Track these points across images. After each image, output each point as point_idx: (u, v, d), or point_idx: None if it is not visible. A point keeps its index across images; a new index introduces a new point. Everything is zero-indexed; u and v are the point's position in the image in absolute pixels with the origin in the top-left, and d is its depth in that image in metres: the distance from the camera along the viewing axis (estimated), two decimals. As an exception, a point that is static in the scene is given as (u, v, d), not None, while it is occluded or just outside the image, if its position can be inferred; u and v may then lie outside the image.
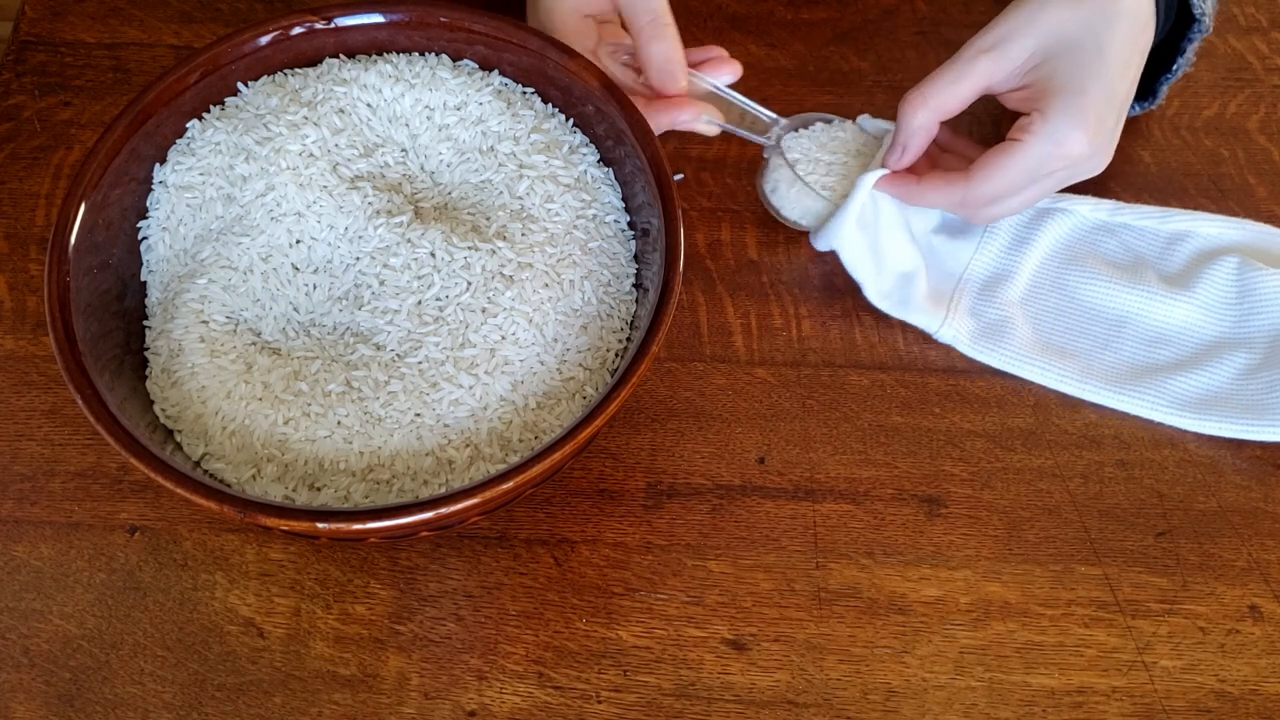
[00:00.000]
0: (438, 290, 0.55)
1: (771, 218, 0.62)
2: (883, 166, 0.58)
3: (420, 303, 0.54)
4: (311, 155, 0.58)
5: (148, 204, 0.57)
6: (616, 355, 0.54)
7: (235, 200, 0.57)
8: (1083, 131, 0.53)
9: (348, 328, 0.54)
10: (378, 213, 0.56)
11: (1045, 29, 0.54)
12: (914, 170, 0.59)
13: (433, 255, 0.55)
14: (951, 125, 0.59)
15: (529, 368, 0.53)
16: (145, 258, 0.56)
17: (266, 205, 0.57)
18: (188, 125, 0.58)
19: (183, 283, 0.55)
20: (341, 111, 0.58)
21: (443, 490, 0.50)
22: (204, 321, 0.54)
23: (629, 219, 0.58)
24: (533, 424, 0.52)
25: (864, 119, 0.63)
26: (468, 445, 0.51)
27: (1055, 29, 0.54)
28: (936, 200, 0.57)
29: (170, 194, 0.56)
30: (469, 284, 0.54)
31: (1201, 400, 0.56)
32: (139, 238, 0.57)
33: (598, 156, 0.59)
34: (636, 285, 0.57)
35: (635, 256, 0.57)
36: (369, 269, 0.55)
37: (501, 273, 0.54)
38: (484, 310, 0.54)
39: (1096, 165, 0.55)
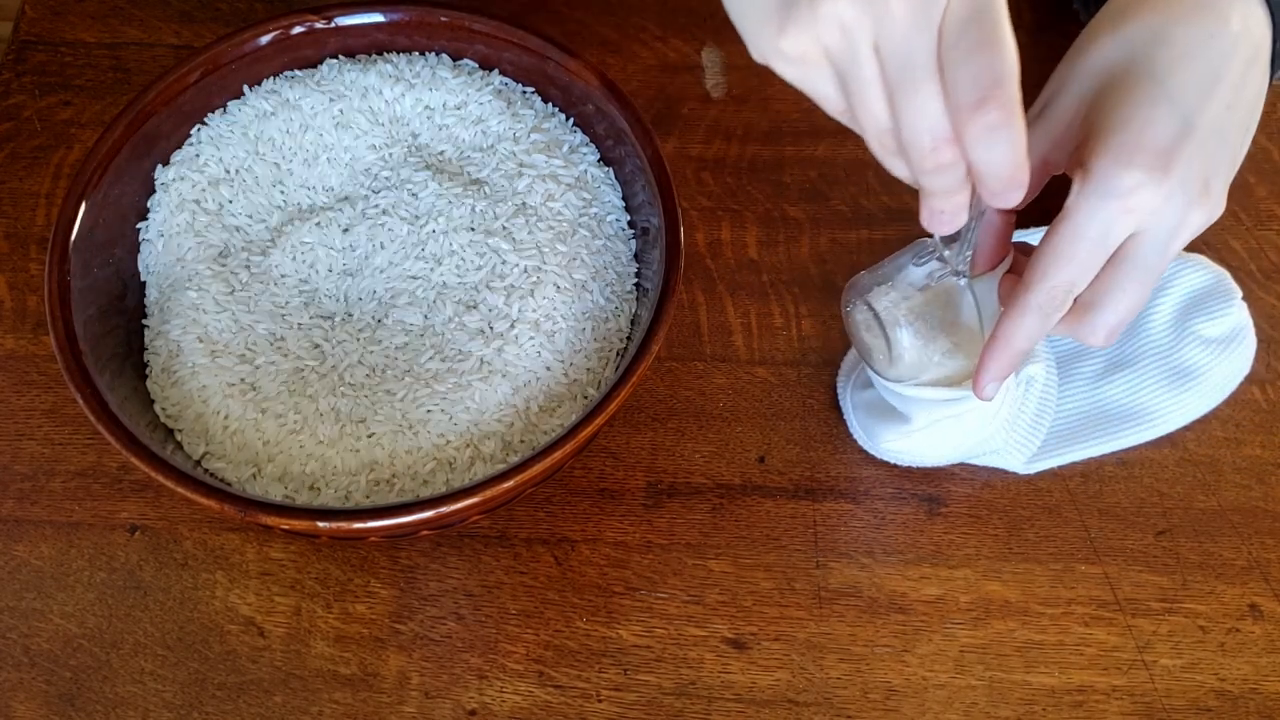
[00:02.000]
0: (440, 290, 0.55)
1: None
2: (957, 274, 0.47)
3: (425, 306, 0.54)
4: (312, 157, 0.58)
5: (148, 205, 0.57)
6: (618, 355, 0.54)
7: (236, 205, 0.57)
8: (1138, 169, 0.41)
9: (350, 329, 0.54)
10: (383, 213, 0.56)
11: (1087, 70, 0.45)
12: None
13: (438, 260, 0.55)
14: None
15: (535, 373, 0.53)
16: (144, 258, 0.56)
17: (267, 210, 0.57)
18: (191, 130, 0.58)
19: (179, 286, 0.55)
20: (341, 113, 0.58)
21: (443, 490, 0.50)
22: (201, 325, 0.54)
23: (629, 218, 0.58)
24: (534, 424, 0.52)
25: None
26: (468, 445, 0.51)
27: (1099, 66, 0.44)
28: (1021, 329, 0.44)
29: (170, 196, 0.56)
30: (477, 286, 0.55)
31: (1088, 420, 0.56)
32: (139, 239, 0.57)
33: (598, 156, 0.59)
34: (637, 285, 0.57)
35: (635, 256, 0.57)
36: (372, 274, 0.55)
37: (512, 279, 0.54)
38: (492, 315, 0.54)
39: (1189, 214, 0.42)
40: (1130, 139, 0.42)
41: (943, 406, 0.50)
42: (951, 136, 0.36)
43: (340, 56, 0.60)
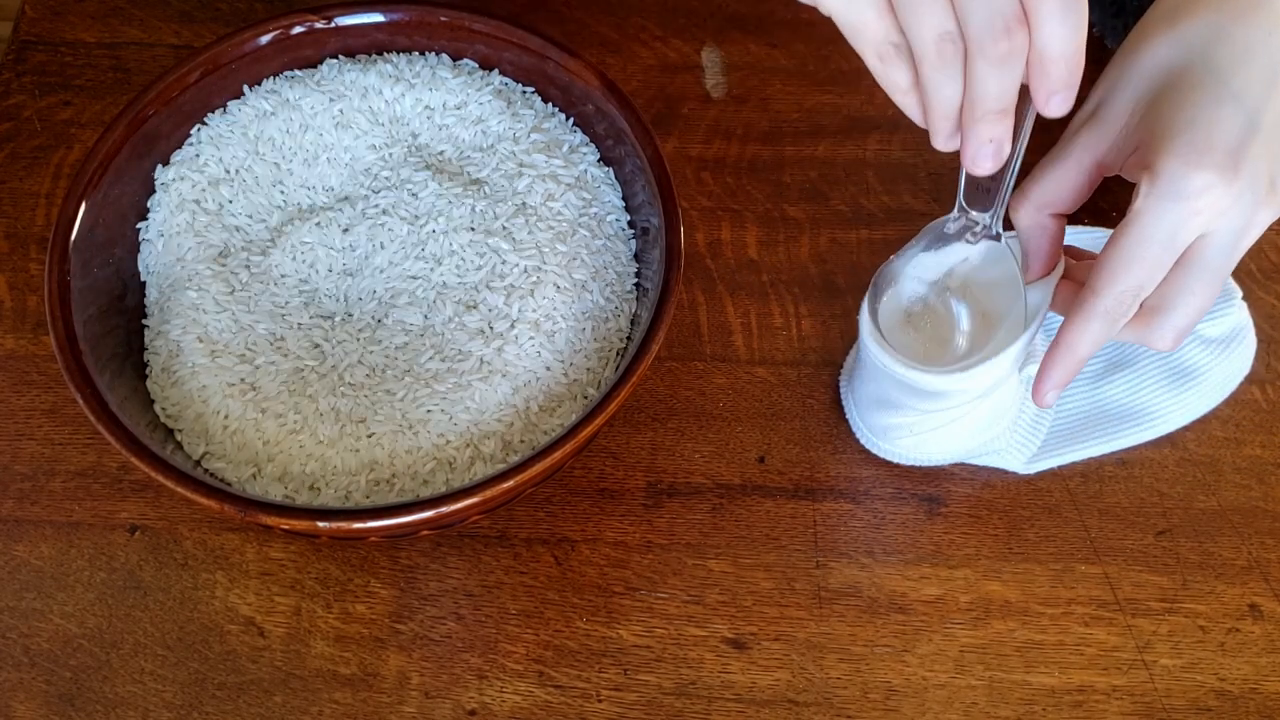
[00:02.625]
0: (440, 290, 0.55)
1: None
2: (1027, 283, 0.47)
3: (425, 306, 0.54)
4: (312, 157, 0.58)
5: (148, 205, 0.57)
6: (617, 354, 0.54)
7: (236, 205, 0.57)
8: (1207, 170, 0.40)
9: (350, 330, 0.54)
10: (383, 213, 0.56)
11: (1143, 71, 0.44)
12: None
13: (438, 260, 0.55)
14: None
15: (535, 373, 0.53)
16: (144, 258, 0.56)
17: (267, 210, 0.57)
18: (191, 130, 0.58)
19: (179, 286, 0.55)
20: (341, 113, 0.58)
21: (443, 490, 0.50)
22: (201, 324, 0.54)
23: (629, 218, 0.58)
24: (534, 424, 0.52)
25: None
26: (468, 445, 0.51)
27: (1155, 66, 0.44)
28: (1086, 335, 0.44)
29: (170, 196, 0.56)
30: (477, 286, 0.55)
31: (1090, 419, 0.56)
32: (139, 239, 0.57)
33: (598, 156, 0.59)
34: (637, 285, 0.57)
35: (635, 256, 0.57)
36: (372, 274, 0.55)
37: (512, 279, 0.54)
38: (492, 315, 0.54)
39: (1260, 212, 0.42)
40: (1198, 139, 0.41)
41: (967, 399, 0.49)
42: (1022, 17, 0.36)
43: (340, 56, 0.60)
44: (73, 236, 0.52)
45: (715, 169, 0.64)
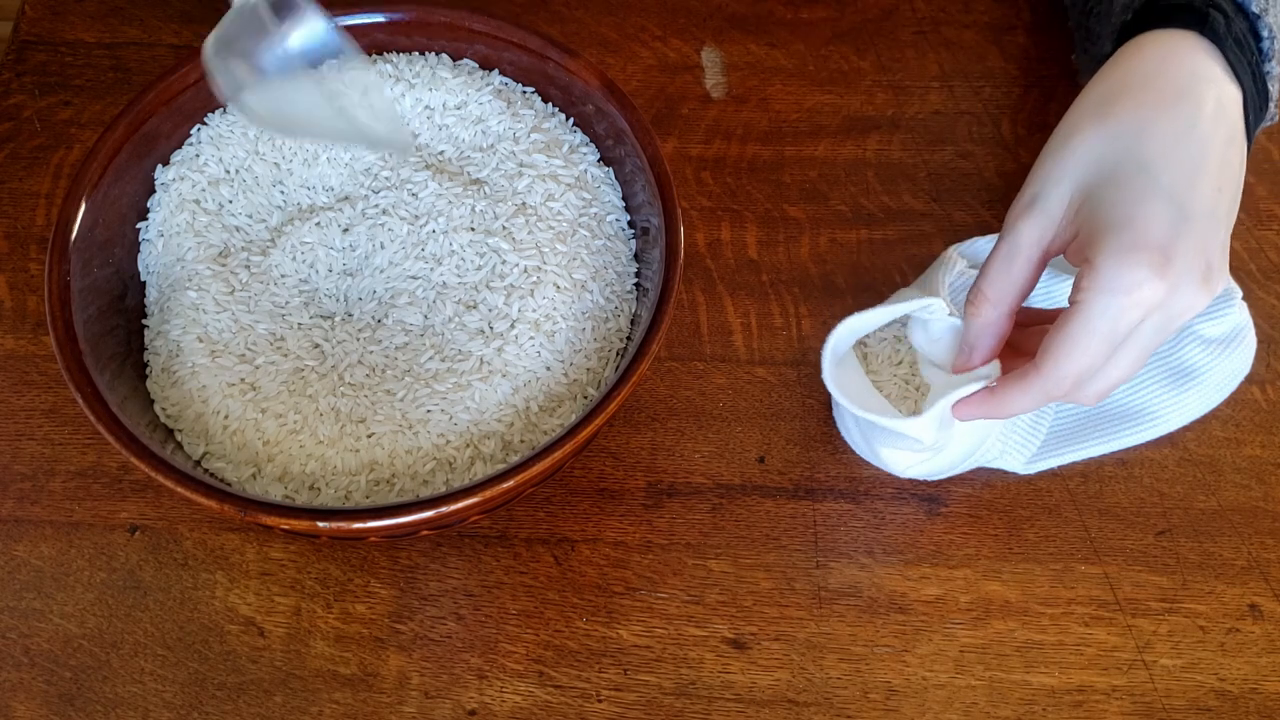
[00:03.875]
0: (440, 290, 0.55)
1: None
2: (954, 371, 0.50)
3: (425, 306, 0.54)
4: (312, 157, 0.58)
5: (148, 205, 0.57)
6: (617, 354, 0.54)
7: (236, 205, 0.57)
8: (1143, 268, 0.43)
9: (350, 329, 0.54)
10: (382, 213, 0.56)
11: (1075, 164, 0.46)
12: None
13: (437, 260, 0.55)
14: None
15: (535, 373, 0.53)
16: (144, 259, 0.56)
17: (267, 210, 0.57)
18: (191, 130, 0.58)
19: (179, 286, 0.55)
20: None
21: (443, 490, 0.50)
22: (201, 324, 0.54)
23: (629, 218, 0.58)
24: (534, 424, 0.52)
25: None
26: (468, 445, 0.51)
27: (1086, 159, 0.46)
28: (1022, 404, 0.47)
29: (170, 196, 0.56)
30: (477, 286, 0.55)
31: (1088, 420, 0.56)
32: (139, 238, 0.57)
33: (598, 156, 0.59)
34: (637, 285, 0.57)
35: (635, 256, 0.57)
36: (372, 274, 0.55)
37: (512, 279, 0.54)
38: (492, 315, 0.54)
39: (1196, 298, 0.44)
40: (1131, 237, 0.43)
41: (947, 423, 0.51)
42: None
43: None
44: (73, 236, 0.52)
45: (715, 169, 0.64)
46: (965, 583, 0.53)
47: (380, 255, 0.55)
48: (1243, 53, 0.48)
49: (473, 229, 0.55)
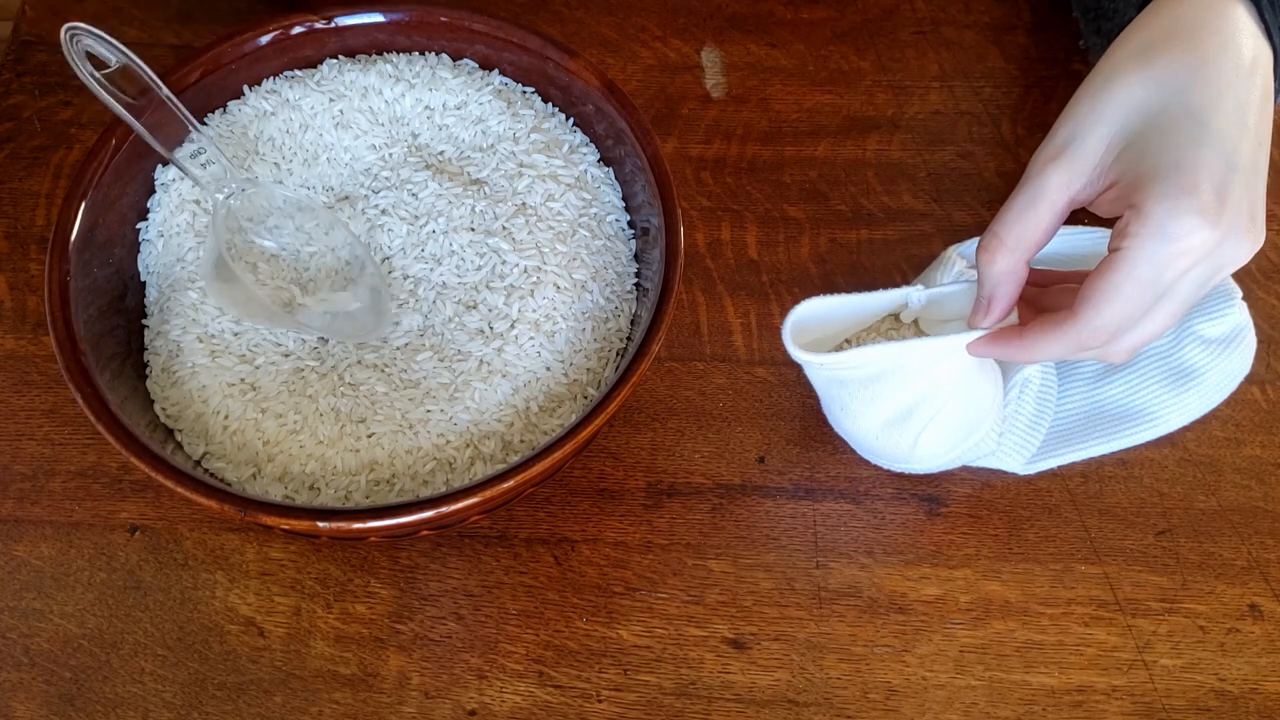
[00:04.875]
0: (440, 290, 0.55)
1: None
2: (970, 328, 0.48)
3: (425, 306, 0.54)
4: (312, 157, 0.58)
5: (148, 205, 0.57)
6: (618, 354, 0.54)
7: (235, 208, 0.57)
8: (1195, 215, 0.41)
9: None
10: (382, 213, 0.56)
11: (1116, 109, 0.44)
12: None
13: (437, 261, 0.55)
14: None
15: (535, 373, 0.53)
16: (144, 258, 0.56)
17: (267, 211, 0.57)
18: (190, 130, 0.58)
19: (179, 286, 0.55)
20: (341, 113, 0.58)
21: (443, 490, 0.50)
22: (201, 324, 0.54)
23: (629, 218, 0.58)
24: (534, 424, 0.52)
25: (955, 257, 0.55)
26: (468, 445, 0.51)
27: (1128, 105, 0.44)
28: (1050, 351, 0.46)
29: (170, 196, 0.56)
30: (477, 286, 0.55)
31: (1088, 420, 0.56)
32: (139, 239, 0.57)
33: (598, 156, 0.59)
34: (637, 285, 0.57)
35: (635, 256, 0.57)
36: (373, 274, 0.55)
37: (512, 279, 0.54)
38: (492, 315, 0.54)
39: (1241, 249, 0.43)
40: (1184, 182, 0.42)
41: (910, 383, 0.49)
42: None
43: (340, 56, 0.60)
44: (73, 236, 0.52)
45: (715, 169, 0.64)
46: (965, 583, 0.53)
47: (380, 255, 0.55)
48: (1276, 14, 0.47)
49: (473, 229, 0.55)
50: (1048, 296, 0.50)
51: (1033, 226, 0.45)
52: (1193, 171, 0.42)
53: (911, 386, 0.49)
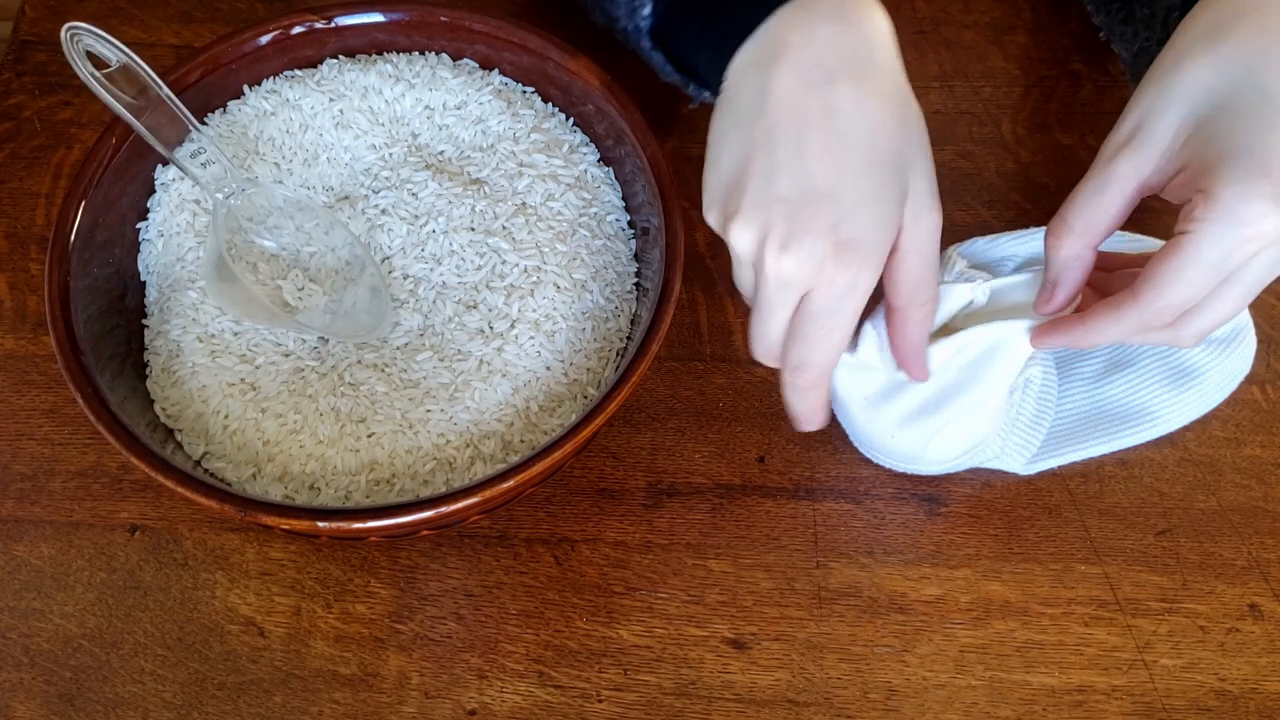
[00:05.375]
0: (440, 290, 0.55)
1: None
2: (1037, 312, 0.48)
3: (425, 306, 0.54)
4: (312, 157, 0.58)
5: (148, 205, 0.57)
6: (618, 354, 0.54)
7: (235, 207, 0.57)
8: (1267, 200, 0.40)
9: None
10: (382, 213, 0.56)
11: (1185, 92, 0.43)
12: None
13: (437, 260, 0.55)
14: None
15: (535, 373, 0.53)
16: (144, 258, 0.56)
17: (267, 211, 0.57)
18: (190, 130, 0.58)
19: (179, 286, 0.55)
20: (341, 113, 0.58)
21: (443, 490, 0.50)
22: (201, 324, 0.54)
23: (629, 218, 0.58)
24: (534, 424, 0.52)
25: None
26: (468, 445, 0.51)
27: (1198, 88, 0.43)
28: (1112, 333, 0.45)
29: (170, 196, 0.56)
30: (477, 286, 0.55)
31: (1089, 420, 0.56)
32: (139, 238, 0.57)
33: (598, 156, 0.59)
34: (637, 285, 0.57)
35: (635, 256, 0.57)
36: (373, 274, 0.55)
37: (512, 279, 0.54)
38: (492, 315, 0.54)
39: None
40: (1255, 166, 0.41)
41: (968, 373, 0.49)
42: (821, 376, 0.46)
43: (340, 56, 0.60)
44: (72, 236, 0.52)
45: (715, 169, 0.64)
46: (965, 583, 0.53)
47: (380, 255, 0.55)
48: None
49: (473, 229, 0.55)
50: (1114, 281, 0.49)
51: (1101, 211, 0.45)
52: (1264, 155, 0.41)
53: (939, 380, 0.50)
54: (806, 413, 0.48)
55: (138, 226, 0.57)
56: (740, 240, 0.44)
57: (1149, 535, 0.54)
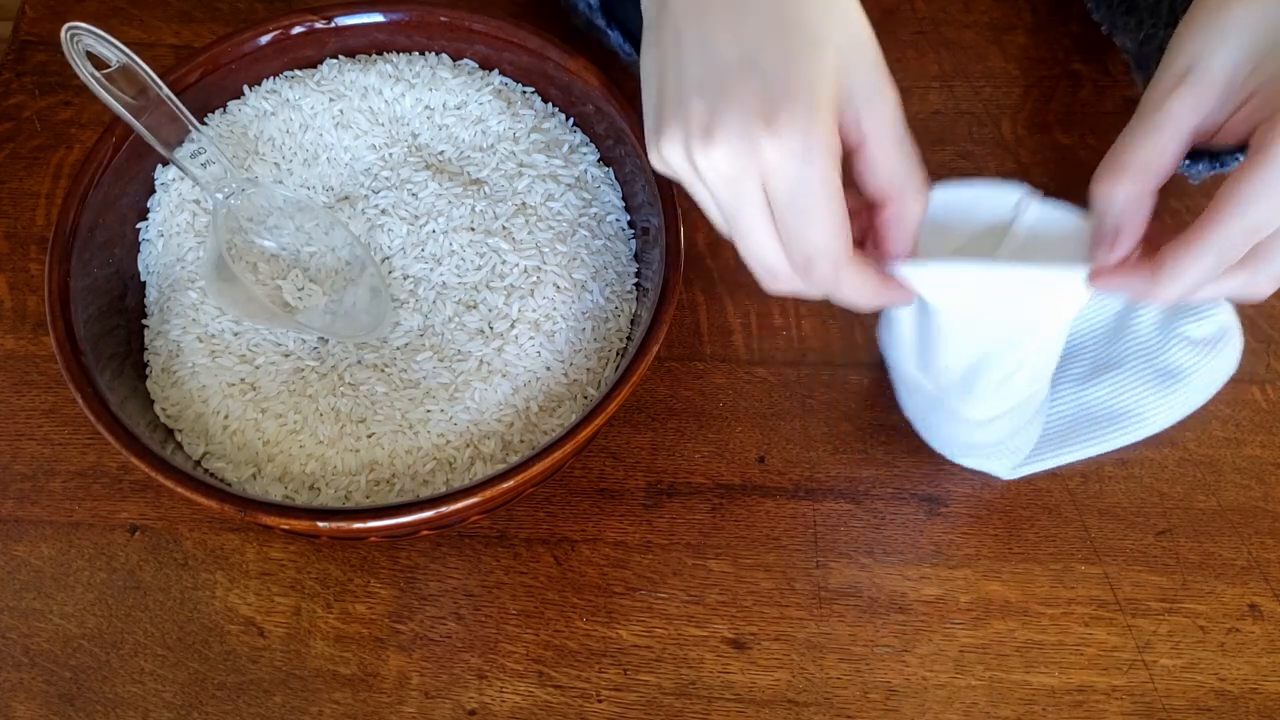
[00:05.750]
0: (440, 290, 0.55)
1: None
2: (1094, 271, 0.43)
3: (425, 306, 0.54)
4: (312, 157, 0.58)
5: (148, 205, 0.57)
6: (618, 354, 0.54)
7: (235, 207, 0.57)
8: None
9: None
10: (382, 213, 0.56)
11: (1241, 28, 0.42)
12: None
13: (437, 260, 0.55)
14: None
15: (535, 373, 0.53)
16: (144, 258, 0.56)
17: (267, 211, 0.57)
18: (190, 130, 0.58)
19: (179, 286, 0.55)
20: (341, 113, 0.58)
21: (443, 490, 0.50)
22: (201, 324, 0.54)
23: (629, 218, 0.58)
24: (534, 424, 0.52)
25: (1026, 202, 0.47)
26: (468, 445, 0.51)
27: (1253, 23, 0.42)
28: (1188, 274, 0.41)
29: (170, 196, 0.56)
30: (477, 286, 0.55)
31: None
32: (139, 238, 0.57)
33: (598, 156, 0.59)
34: (637, 285, 0.57)
35: (635, 256, 0.57)
36: (373, 274, 0.55)
37: (512, 279, 0.54)
38: (492, 315, 0.54)
39: None
40: None
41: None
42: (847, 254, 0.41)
43: (340, 56, 0.60)
44: (73, 236, 0.52)
45: (715, 169, 0.64)
46: (965, 583, 0.53)
47: (380, 255, 0.55)
48: None
49: (472, 229, 0.55)
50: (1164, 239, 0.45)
51: (1158, 152, 0.42)
52: None
53: (1003, 325, 0.45)
54: (868, 299, 0.43)
55: (138, 226, 0.57)
56: (673, 158, 0.41)
57: (1149, 535, 0.54)
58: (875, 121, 0.41)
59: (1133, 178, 0.42)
